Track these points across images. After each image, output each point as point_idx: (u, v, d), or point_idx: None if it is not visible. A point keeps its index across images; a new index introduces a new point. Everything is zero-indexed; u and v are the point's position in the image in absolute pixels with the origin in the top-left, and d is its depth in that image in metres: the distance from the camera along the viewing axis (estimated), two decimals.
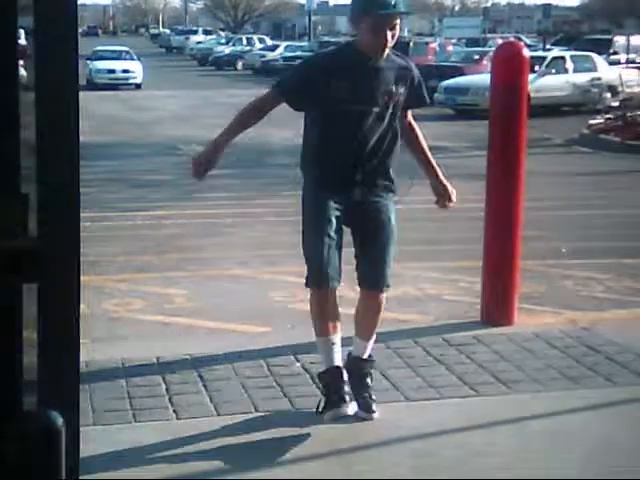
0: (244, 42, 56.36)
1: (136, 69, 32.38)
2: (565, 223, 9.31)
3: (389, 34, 3.84)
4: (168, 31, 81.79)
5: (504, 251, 5.52)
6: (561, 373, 4.67)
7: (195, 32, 71.01)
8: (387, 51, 3.92)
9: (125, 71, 32.21)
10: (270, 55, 43.75)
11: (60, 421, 1.23)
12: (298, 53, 42.71)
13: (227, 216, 9.61)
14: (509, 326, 5.42)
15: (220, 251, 7.95)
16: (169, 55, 62.81)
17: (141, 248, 8.02)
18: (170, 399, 4.31)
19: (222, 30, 75.87)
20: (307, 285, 3.98)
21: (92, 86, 29.67)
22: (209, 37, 66.36)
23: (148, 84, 31.37)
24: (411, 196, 10.76)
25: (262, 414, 4.15)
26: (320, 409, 3.96)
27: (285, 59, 41.24)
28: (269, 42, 54.94)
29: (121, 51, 35.58)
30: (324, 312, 3.95)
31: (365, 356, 4.18)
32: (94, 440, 3.70)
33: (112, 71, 31.91)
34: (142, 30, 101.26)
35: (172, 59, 54.20)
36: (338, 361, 3.97)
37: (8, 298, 1.27)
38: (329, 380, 3.94)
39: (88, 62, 31.70)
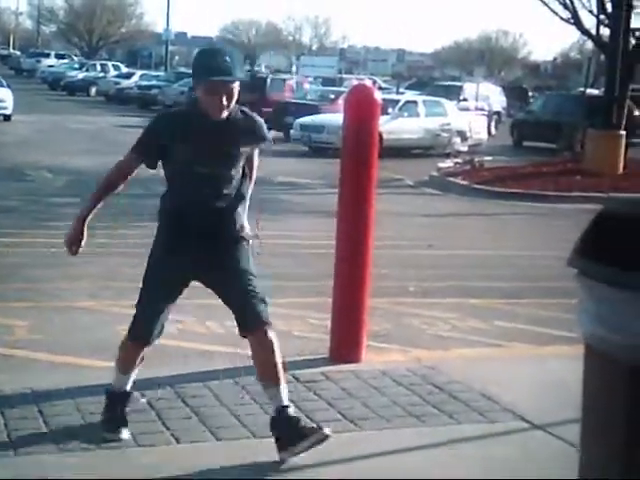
0: (98, 68, 55.53)
1: (5, 97, 27.07)
2: (413, 262, 9.53)
3: (224, 98, 3.91)
4: (19, 53, 79.65)
5: (354, 288, 5.59)
6: (406, 410, 4.74)
7: (47, 55, 69.41)
8: (225, 112, 3.96)
9: None
10: (125, 83, 43.25)
11: None
12: (154, 82, 42.42)
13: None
14: (357, 363, 5.48)
15: (69, 282, 7.72)
16: (19, 77, 61.01)
17: None
18: (9, 435, 4.13)
19: (76, 55, 74.45)
20: (129, 336, 4.25)
21: None
22: (62, 61, 65.00)
23: None
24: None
25: (105, 450, 4.03)
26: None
27: (140, 87, 40.88)
28: (124, 69, 54.31)
29: None
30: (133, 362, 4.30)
31: (285, 403, 4.09)
32: None
33: None
34: None
35: (22, 82, 52.66)
36: (129, 387, 4.36)
37: None
38: (113, 397, 4.32)
39: None
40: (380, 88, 37.04)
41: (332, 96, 28.72)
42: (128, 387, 4.35)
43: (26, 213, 10.84)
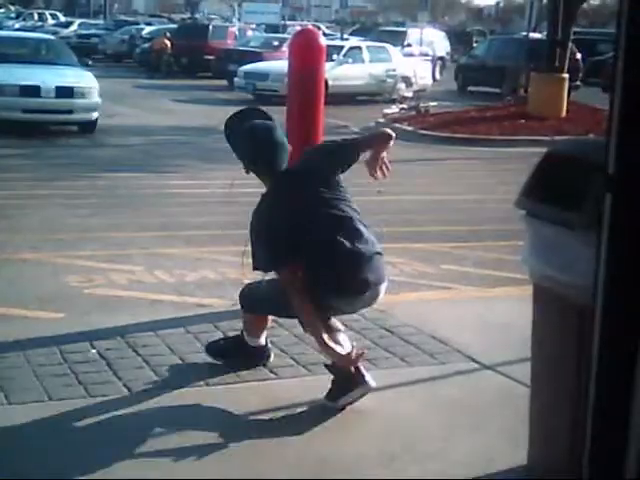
0: (35, 17, 54.19)
1: (90, 86, 15.10)
2: (361, 209, 9.50)
3: None
4: None
5: None
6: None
7: None
8: None
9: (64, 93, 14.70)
10: (64, 32, 42.23)
11: None
12: (93, 31, 41.55)
13: (19, 197, 9.22)
14: None
15: (10, 234, 7.60)
16: None
17: None
18: None
19: (12, 4, 72.47)
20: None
21: None
22: None
23: None
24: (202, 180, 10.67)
25: (56, 402, 3.99)
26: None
27: (80, 37, 40.01)
28: (62, 18, 53.08)
29: (40, 40, 17.86)
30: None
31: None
32: None
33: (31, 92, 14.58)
34: None
35: None
36: None
37: None
38: None
39: None
40: (324, 34, 36.72)
41: (276, 43, 28.43)
42: None
43: None
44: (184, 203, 9.56)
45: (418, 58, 28.95)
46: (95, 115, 14.95)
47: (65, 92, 14.70)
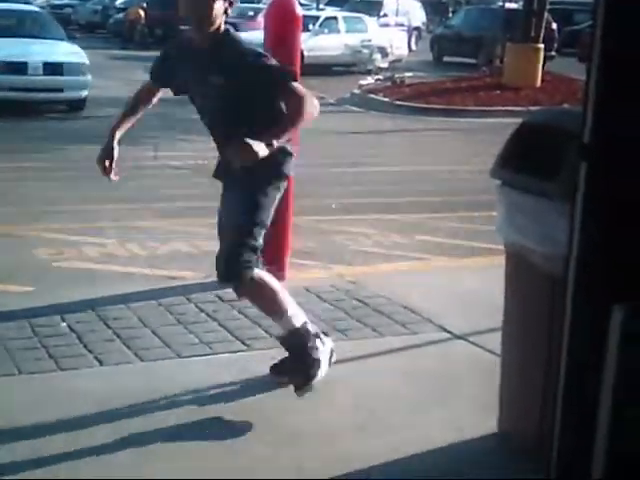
0: None
1: (80, 62, 14.71)
2: (336, 180, 9.51)
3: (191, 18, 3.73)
4: None
5: (277, 207, 5.53)
6: (331, 326, 4.75)
7: None
8: (201, 36, 3.75)
9: (52, 69, 14.26)
10: (37, 2, 41.67)
11: None
12: (66, 1, 41.02)
13: None
14: (281, 281, 5.45)
15: None
16: None
17: None
18: None
19: None
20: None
21: None
22: None
23: None
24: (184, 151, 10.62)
25: (26, 375, 3.96)
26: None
27: (53, 7, 39.45)
28: None
29: (25, 13, 16.83)
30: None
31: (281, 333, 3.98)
32: None
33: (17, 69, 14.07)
34: None
35: None
36: None
37: None
38: None
39: None
40: (300, 4, 36.47)
41: (251, 13, 28.20)
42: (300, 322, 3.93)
43: None
44: (156, 175, 9.49)
45: (394, 28, 28.84)
46: (85, 93, 14.31)
47: (54, 69, 14.01)
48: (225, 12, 3.73)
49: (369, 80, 19.95)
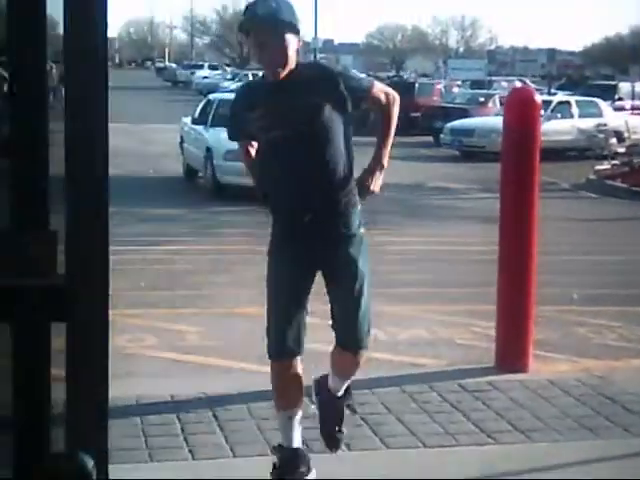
0: (250, 77, 56.64)
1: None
2: (575, 269, 9.30)
3: (267, 50, 3.47)
4: (174, 65, 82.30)
5: (518, 296, 5.50)
6: (578, 422, 4.63)
7: (201, 67, 71.40)
8: (280, 69, 3.49)
9: None
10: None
11: (91, 463, 1.20)
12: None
13: (237, 252, 9.61)
14: (523, 373, 5.39)
15: (230, 288, 7.94)
16: (175, 89, 63.11)
17: (150, 283, 8.01)
18: (185, 438, 4.28)
19: (228, 65, 76.32)
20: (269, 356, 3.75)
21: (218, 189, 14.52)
22: (215, 72, 66.76)
23: (156, 117, 31.46)
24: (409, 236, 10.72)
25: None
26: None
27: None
28: None
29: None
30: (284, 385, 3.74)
31: (339, 394, 3.95)
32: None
33: None
34: (148, 63, 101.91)
35: (178, 93, 54.46)
36: (297, 442, 3.74)
37: (36, 336, 1.25)
38: (283, 461, 3.73)
39: (200, 130, 15.66)
40: None
41: (481, 99, 28.39)
42: (295, 443, 3.74)
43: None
44: (391, 260, 9.66)
45: (630, 112, 28.08)
46: None
47: None
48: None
49: (605, 165, 19.47)
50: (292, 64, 3.49)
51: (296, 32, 3.52)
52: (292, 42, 3.47)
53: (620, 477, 4.04)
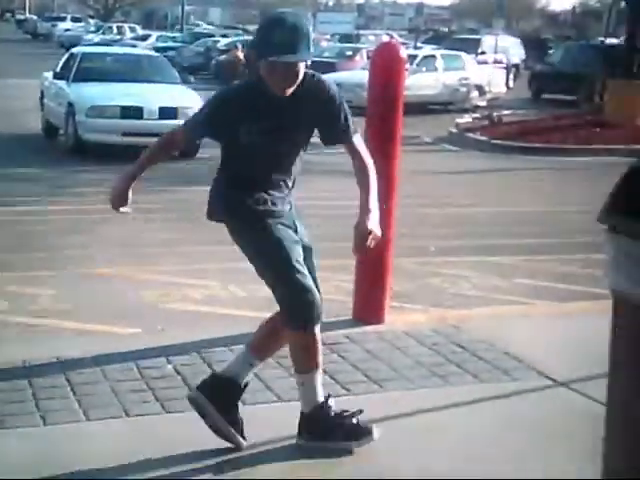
0: (114, 31, 55.27)
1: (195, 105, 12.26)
2: (434, 221, 9.52)
3: (285, 79, 3.57)
4: (35, 17, 79.39)
5: (376, 249, 5.57)
6: (430, 371, 4.76)
7: (63, 19, 69.18)
8: (289, 90, 3.60)
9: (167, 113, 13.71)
10: (142, 44, 43.05)
11: None
12: (170, 44, 42.22)
13: (97, 212, 9.43)
14: (380, 325, 5.50)
15: (86, 249, 7.78)
16: (35, 42, 60.97)
17: (3, 245, 7.77)
18: (37, 404, 4.19)
19: (91, 18, 74.07)
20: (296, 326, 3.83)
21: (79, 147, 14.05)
22: (78, 24, 64.78)
23: (15, 72, 30.29)
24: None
25: (133, 418, 4.08)
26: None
27: (157, 49, 40.64)
28: (140, 31, 54.05)
29: (141, 57, 17.49)
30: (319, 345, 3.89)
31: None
32: None
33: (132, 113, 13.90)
34: (8, 15, 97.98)
35: (39, 46, 52.62)
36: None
37: None
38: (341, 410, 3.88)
39: (61, 85, 15.19)
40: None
41: (349, 53, 28.53)
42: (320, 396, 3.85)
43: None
44: None
45: (492, 66, 28.74)
46: None
47: (169, 113, 13.41)
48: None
49: (466, 119, 19.91)
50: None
51: None
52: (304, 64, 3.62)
53: (468, 421, 4.19)
